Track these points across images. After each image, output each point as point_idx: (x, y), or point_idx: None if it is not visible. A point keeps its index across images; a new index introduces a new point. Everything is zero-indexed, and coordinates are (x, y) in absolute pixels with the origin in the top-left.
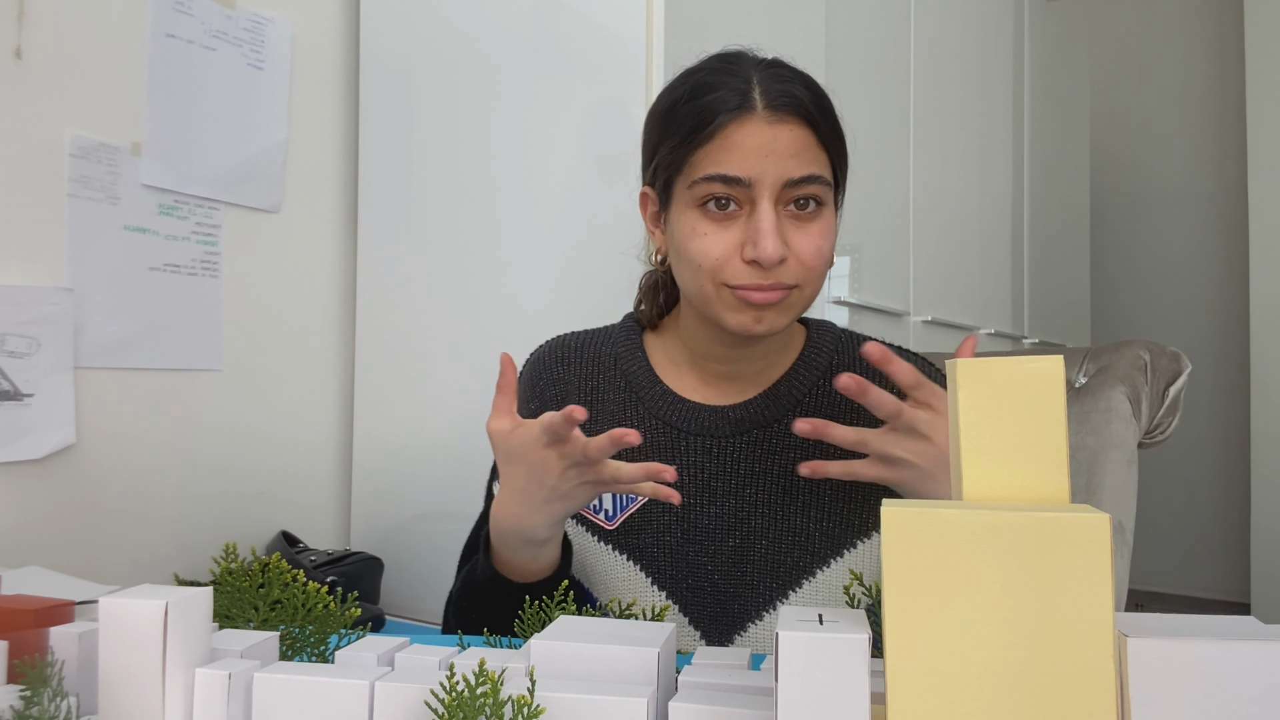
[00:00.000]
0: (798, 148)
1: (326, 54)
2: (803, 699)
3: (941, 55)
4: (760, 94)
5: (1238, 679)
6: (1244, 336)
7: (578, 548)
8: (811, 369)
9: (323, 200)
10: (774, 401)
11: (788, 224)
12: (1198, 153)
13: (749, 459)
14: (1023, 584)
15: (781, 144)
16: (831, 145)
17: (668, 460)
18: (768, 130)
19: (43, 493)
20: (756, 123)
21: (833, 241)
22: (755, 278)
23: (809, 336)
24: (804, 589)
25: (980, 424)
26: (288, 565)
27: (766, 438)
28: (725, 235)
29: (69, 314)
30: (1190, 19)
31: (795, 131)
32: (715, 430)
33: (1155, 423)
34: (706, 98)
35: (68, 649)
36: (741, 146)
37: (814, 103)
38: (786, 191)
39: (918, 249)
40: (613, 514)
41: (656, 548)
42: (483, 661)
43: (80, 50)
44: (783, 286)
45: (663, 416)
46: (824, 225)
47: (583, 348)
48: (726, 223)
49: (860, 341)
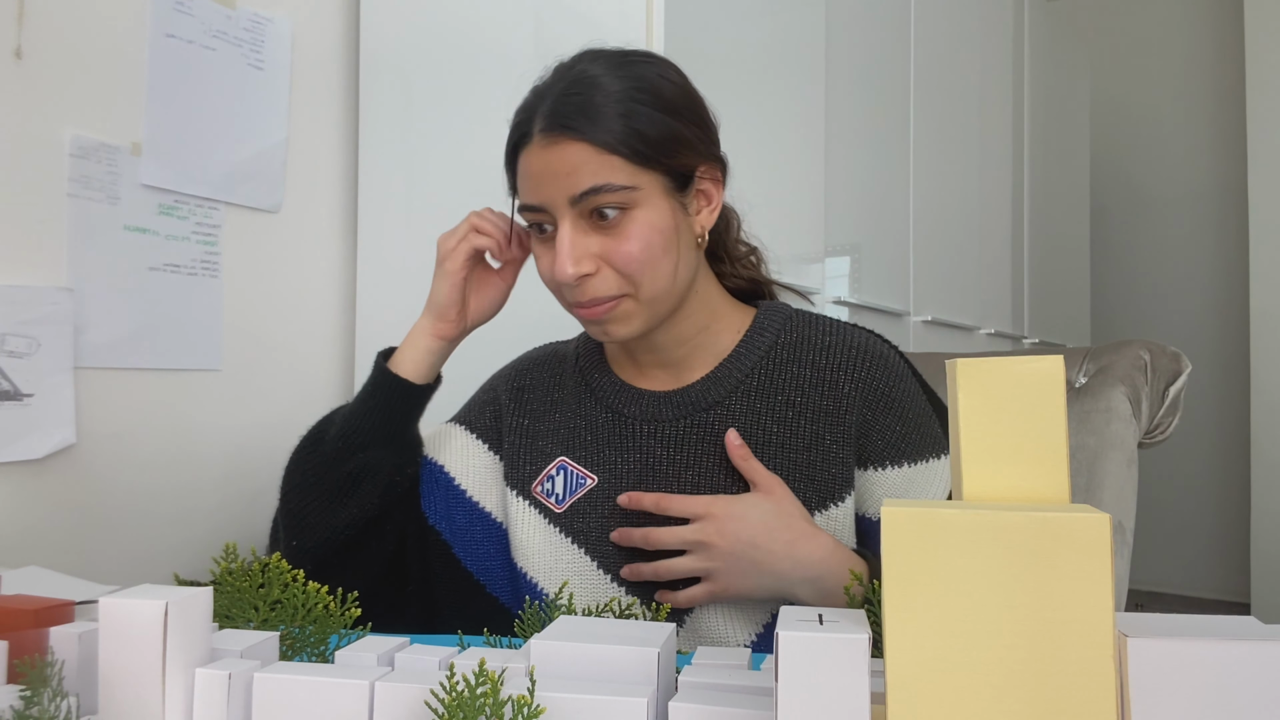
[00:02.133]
0: (573, 165)
1: (326, 54)
2: (803, 699)
3: (941, 55)
4: (540, 116)
5: (1238, 679)
6: (1244, 336)
7: (527, 530)
8: (754, 350)
9: (323, 200)
10: (716, 384)
11: (595, 236)
12: (1198, 153)
13: (691, 442)
14: (1023, 584)
15: (556, 164)
16: (627, 145)
17: (617, 446)
18: (544, 154)
19: (43, 493)
20: (535, 150)
21: (656, 233)
22: (574, 295)
23: (755, 317)
24: None
25: (980, 424)
26: (288, 565)
27: (709, 420)
28: (548, 257)
29: (69, 314)
30: (1190, 19)
31: (568, 149)
32: (659, 415)
33: (1155, 423)
34: (511, 129)
35: (68, 649)
36: (529, 175)
37: (585, 112)
38: (580, 207)
39: (918, 249)
40: (562, 498)
41: (601, 530)
42: (483, 661)
43: (80, 50)
44: (604, 299)
45: (612, 406)
46: (635, 227)
47: (554, 352)
48: (549, 243)
49: (814, 322)
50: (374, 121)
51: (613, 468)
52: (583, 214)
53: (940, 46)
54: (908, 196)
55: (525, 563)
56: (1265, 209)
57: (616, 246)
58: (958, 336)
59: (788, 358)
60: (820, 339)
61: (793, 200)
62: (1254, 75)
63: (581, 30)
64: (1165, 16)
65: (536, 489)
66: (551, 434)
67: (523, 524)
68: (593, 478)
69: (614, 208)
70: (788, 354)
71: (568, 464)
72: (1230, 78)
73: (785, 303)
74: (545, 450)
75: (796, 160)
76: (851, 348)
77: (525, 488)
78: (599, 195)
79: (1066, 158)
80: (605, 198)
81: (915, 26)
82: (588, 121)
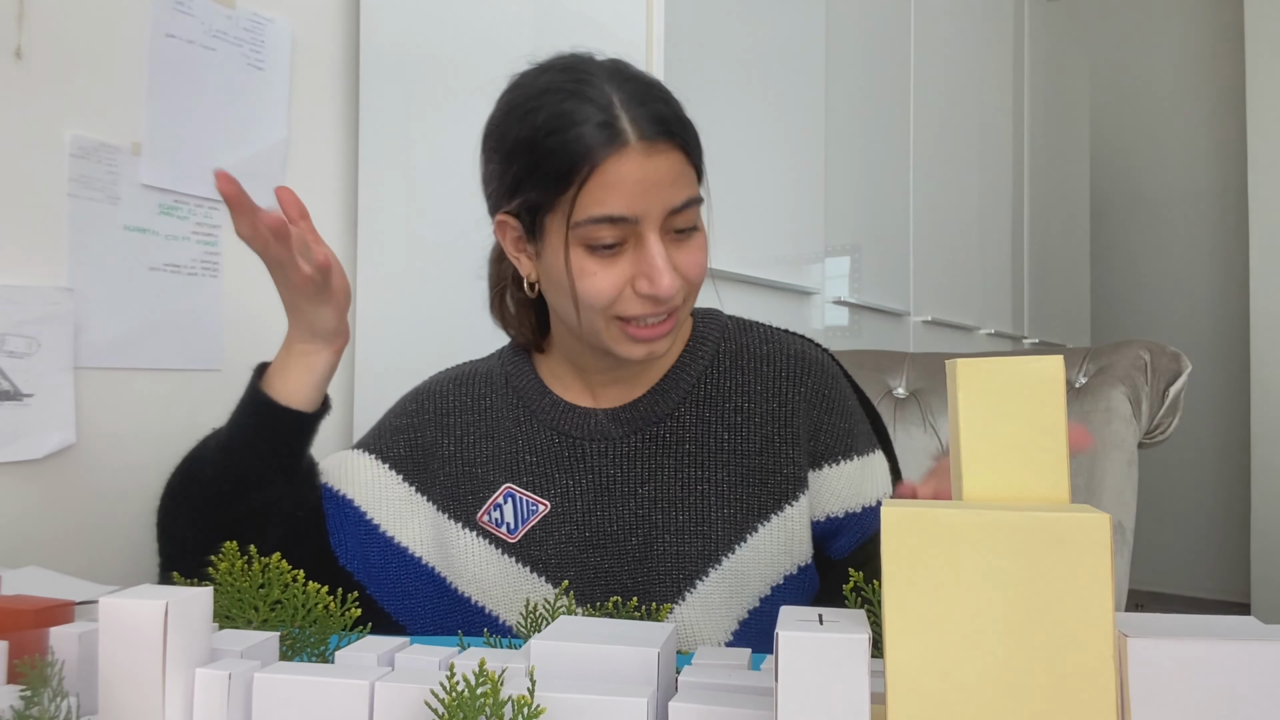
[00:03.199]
0: (674, 174)
1: (326, 54)
2: (803, 699)
3: (941, 55)
4: (629, 121)
5: (1238, 679)
6: (1244, 336)
7: (478, 562)
8: (698, 359)
9: (323, 200)
10: (663, 396)
11: (670, 248)
12: (1198, 153)
13: (644, 456)
14: (1023, 584)
15: (660, 174)
16: (695, 156)
17: (567, 469)
18: (646, 163)
19: (43, 493)
20: (633, 156)
21: (705, 251)
22: (649, 308)
23: (694, 326)
24: (711, 576)
25: (980, 424)
26: (288, 565)
27: (660, 433)
28: (614, 272)
29: (69, 314)
30: (1190, 19)
31: (670, 158)
32: (609, 433)
33: (1155, 423)
34: (571, 132)
35: (68, 649)
36: (620, 184)
37: (676, 118)
38: (669, 220)
39: (918, 249)
40: (514, 527)
41: (559, 558)
42: (483, 662)
43: (80, 50)
44: (674, 312)
45: (557, 427)
46: (701, 239)
47: (474, 373)
48: (614, 259)
49: (749, 329)
50: (374, 121)
51: (565, 491)
52: (664, 228)
53: (940, 46)
54: (908, 196)
55: (481, 596)
56: (1265, 209)
57: (689, 258)
58: (958, 336)
59: (730, 365)
60: (758, 347)
61: (792, 200)
62: (1254, 75)
63: (581, 30)
64: (1165, 16)
65: (483, 518)
66: (490, 460)
67: (471, 556)
68: (545, 504)
69: (692, 224)
70: (730, 362)
71: (515, 491)
72: (1230, 78)
73: (713, 308)
74: (486, 478)
75: (796, 160)
76: (791, 355)
77: (469, 518)
78: (692, 208)
79: (1066, 158)
80: (693, 211)
81: (915, 26)
82: (684, 129)
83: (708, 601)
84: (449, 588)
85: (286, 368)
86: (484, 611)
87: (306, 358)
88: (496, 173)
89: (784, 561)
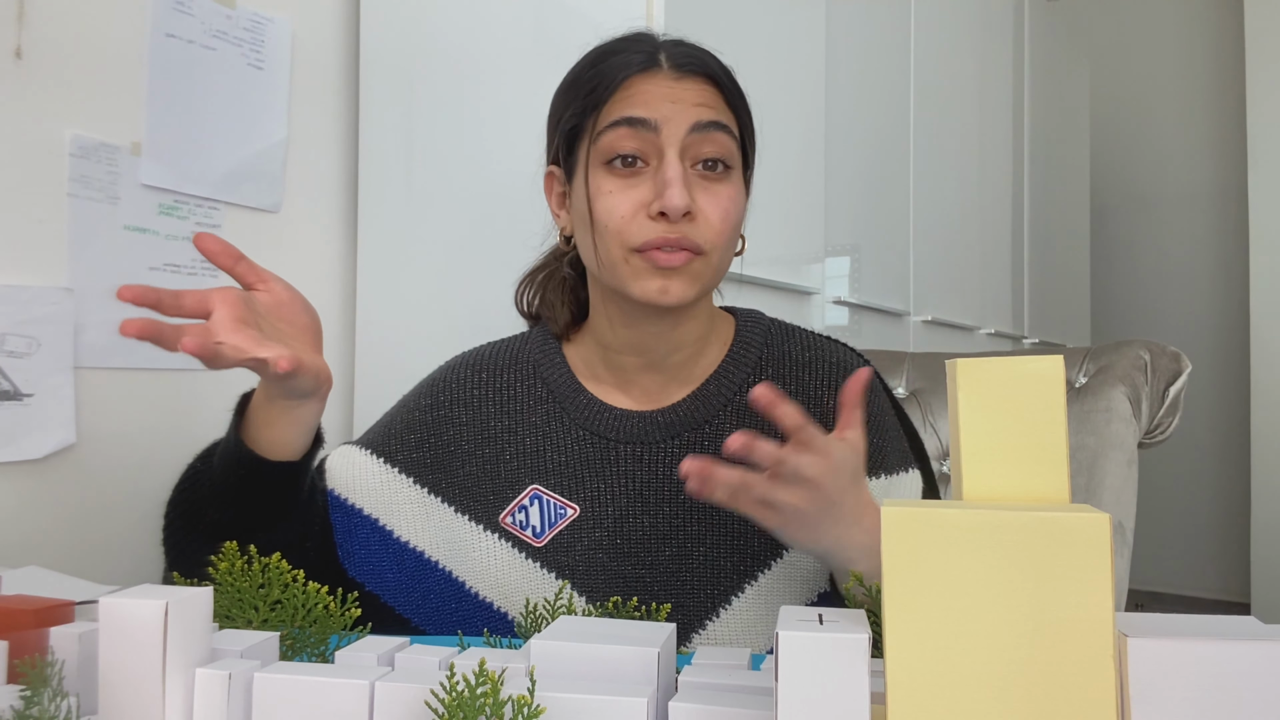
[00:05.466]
0: (704, 98)
1: (326, 54)
2: (803, 699)
3: (941, 55)
4: (665, 56)
5: (1238, 679)
6: (1244, 336)
7: (499, 565)
8: (741, 365)
9: (323, 200)
10: (704, 402)
11: (696, 183)
12: (1198, 153)
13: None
14: (1023, 584)
15: (688, 94)
16: (740, 110)
17: (598, 472)
18: (674, 82)
19: (43, 493)
20: (661, 76)
21: (741, 211)
22: (661, 232)
23: (738, 329)
24: (747, 593)
25: (980, 424)
26: (288, 565)
27: (699, 440)
28: (632, 193)
29: (69, 314)
30: (1190, 19)
31: (701, 86)
32: (645, 437)
33: (1155, 423)
34: (609, 61)
35: (68, 649)
36: (646, 94)
37: (720, 69)
38: (693, 143)
39: (918, 249)
40: (540, 531)
41: (588, 564)
42: (483, 661)
43: (80, 50)
44: (689, 247)
45: (590, 427)
46: (733, 190)
47: (498, 356)
48: (633, 179)
49: (791, 335)
50: (374, 121)
51: (595, 496)
52: (688, 155)
53: (940, 47)
54: (908, 196)
55: (503, 601)
56: (1265, 209)
57: (715, 202)
58: (958, 336)
59: (773, 374)
60: (801, 354)
61: (792, 200)
62: (1254, 75)
63: (581, 30)
64: (1165, 16)
65: (506, 520)
66: (515, 458)
67: (492, 559)
68: (574, 508)
69: (721, 161)
70: (773, 370)
71: (542, 493)
72: (1230, 78)
73: (755, 310)
74: (510, 477)
75: (796, 160)
76: (832, 364)
77: (491, 519)
78: (720, 133)
79: (1066, 158)
80: (722, 142)
81: (915, 27)
82: (723, 72)
83: (743, 619)
84: (467, 592)
85: (271, 423)
86: (506, 617)
87: (291, 412)
88: (549, 123)
89: (820, 579)
